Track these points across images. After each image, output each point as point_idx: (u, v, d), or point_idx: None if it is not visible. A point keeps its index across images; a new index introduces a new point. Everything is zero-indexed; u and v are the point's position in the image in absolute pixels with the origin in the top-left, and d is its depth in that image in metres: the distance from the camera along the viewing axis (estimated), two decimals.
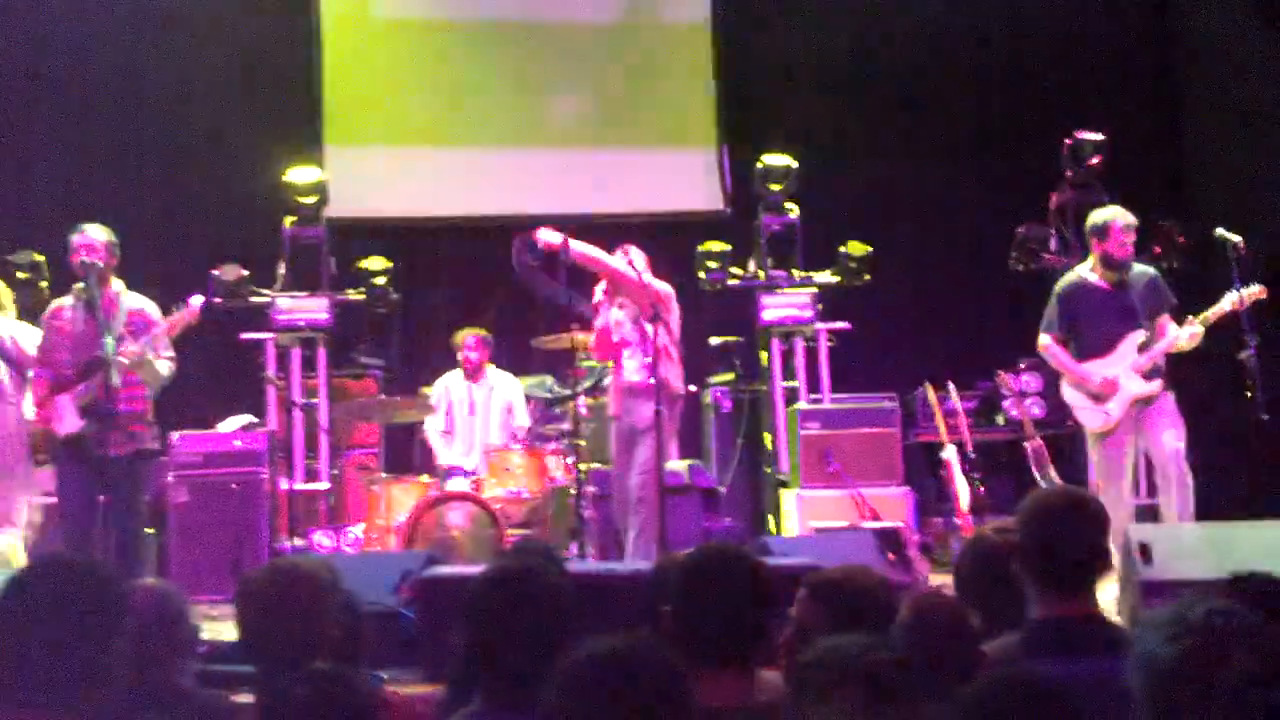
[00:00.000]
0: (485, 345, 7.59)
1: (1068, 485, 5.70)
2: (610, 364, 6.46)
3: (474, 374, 7.53)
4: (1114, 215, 6.08)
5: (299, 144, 8.76)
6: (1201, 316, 5.96)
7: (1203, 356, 6.06)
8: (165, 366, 5.72)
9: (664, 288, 6.23)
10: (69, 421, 5.60)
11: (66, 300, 5.80)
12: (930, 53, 9.28)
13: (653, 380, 5.87)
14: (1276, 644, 1.84)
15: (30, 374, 5.89)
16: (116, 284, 5.79)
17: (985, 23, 9.23)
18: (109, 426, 5.44)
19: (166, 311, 5.79)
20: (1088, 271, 6.14)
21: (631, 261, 6.13)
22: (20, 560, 5.65)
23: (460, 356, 7.54)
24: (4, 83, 8.55)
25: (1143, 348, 5.97)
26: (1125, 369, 5.96)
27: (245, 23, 8.79)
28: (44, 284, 7.36)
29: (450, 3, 9.51)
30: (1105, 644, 2.55)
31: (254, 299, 7.96)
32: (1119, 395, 5.96)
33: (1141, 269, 6.20)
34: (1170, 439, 5.89)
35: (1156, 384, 5.95)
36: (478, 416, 7.46)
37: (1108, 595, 5.24)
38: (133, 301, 5.79)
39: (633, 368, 6.20)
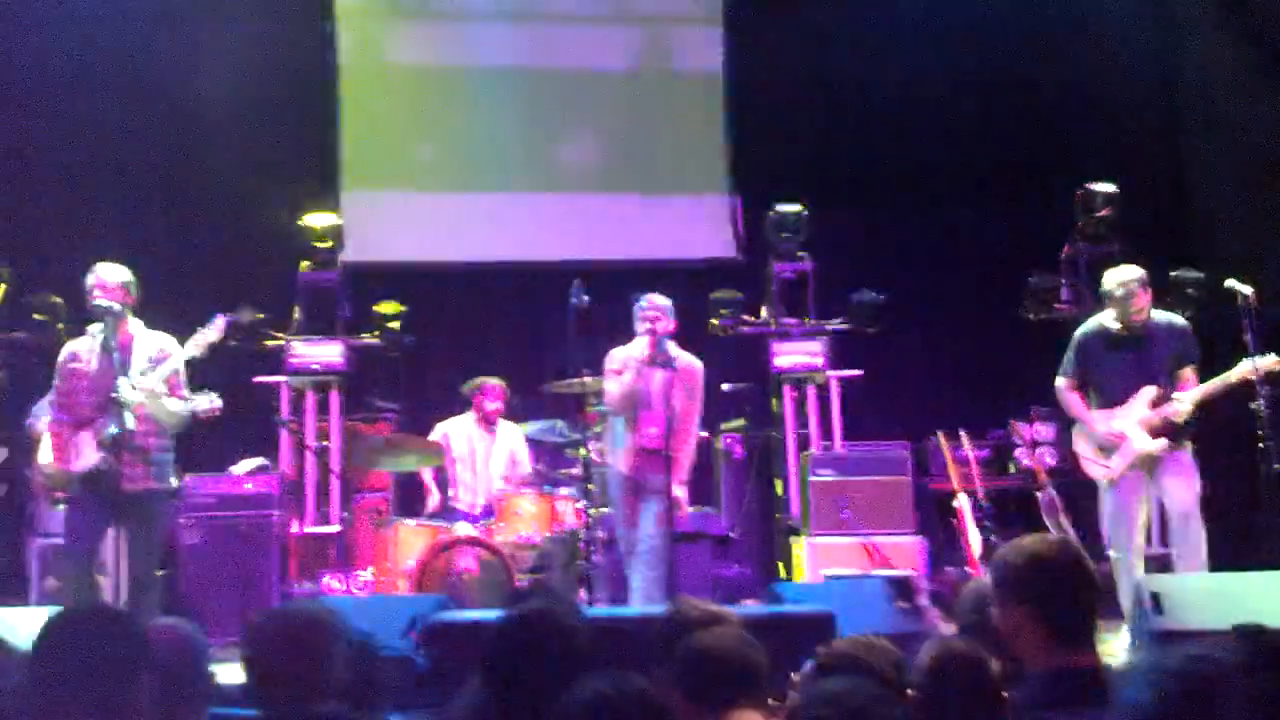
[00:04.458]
0: (504, 395, 7.62)
1: (1044, 535, 5.63)
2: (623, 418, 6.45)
3: (489, 423, 7.55)
4: (1124, 279, 6.00)
5: (315, 189, 8.84)
6: (1202, 390, 5.87)
7: (1215, 407, 6.03)
8: (177, 405, 5.65)
9: (698, 366, 6.47)
10: (86, 456, 5.56)
11: (83, 343, 5.74)
12: (941, 103, 9.33)
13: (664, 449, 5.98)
14: (1257, 692, 1.83)
15: (47, 419, 5.84)
16: (134, 323, 5.75)
17: (996, 74, 9.28)
18: (127, 461, 5.44)
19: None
20: (1110, 320, 6.07)
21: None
22: None
23: (477, 402, 7.54)
24: (20, 124, 8.61)
25: (1155, 403, 5.91)
26: (1133, 423, 5.91)
27: (262, 67, 8.85)
28: (60, 325, 7.39)
29: (464, 49, 9.59)
30: (1103, 696, 2.49)
31: (269, 342, 8.00)
32: (1123, 448, 5.92)
33: (1169, 318, 6.14)
34: (1184, 494, 5.82)
35: (1163, 443, 5.85)
36: (484, 464, 7.46)
37: (1119, 645, 5.23)
38: (153, 339, 5.75)
39: (654, 433, 6.22)
